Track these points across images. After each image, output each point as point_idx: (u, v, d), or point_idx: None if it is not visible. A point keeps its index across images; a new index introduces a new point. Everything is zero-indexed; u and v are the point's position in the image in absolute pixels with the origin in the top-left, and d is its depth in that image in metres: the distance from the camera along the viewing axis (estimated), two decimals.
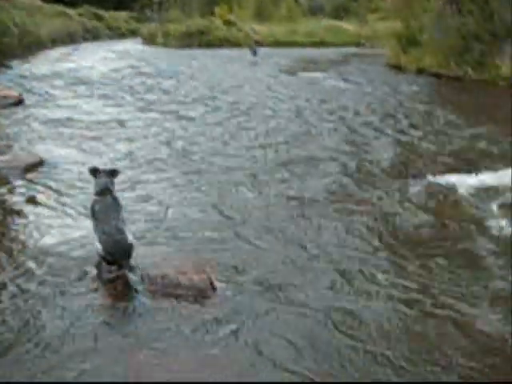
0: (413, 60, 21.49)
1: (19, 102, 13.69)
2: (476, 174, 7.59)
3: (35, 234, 5.67)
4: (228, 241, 5.54)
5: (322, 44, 37.23)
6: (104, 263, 4.51)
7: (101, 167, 4.94)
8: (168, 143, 9.77)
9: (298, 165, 8.36)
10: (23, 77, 19.81)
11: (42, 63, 25.61)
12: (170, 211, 6.36)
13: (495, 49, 18.04)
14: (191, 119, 11.95)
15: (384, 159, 8.67)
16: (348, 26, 43.35)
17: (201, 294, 4.38)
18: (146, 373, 3.54)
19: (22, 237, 5.63)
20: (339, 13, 65.58)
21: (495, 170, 7.79)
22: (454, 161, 8.54)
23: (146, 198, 6.84)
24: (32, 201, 6.75)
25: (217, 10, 45.82)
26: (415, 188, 7.18)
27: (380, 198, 6.85)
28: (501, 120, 11.56)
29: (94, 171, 4.80)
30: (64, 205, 6.58)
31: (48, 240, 5.51)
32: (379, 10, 41.36)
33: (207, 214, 6.31)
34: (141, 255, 4.98)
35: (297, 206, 6.61)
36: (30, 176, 7.75)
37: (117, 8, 76.48)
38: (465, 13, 19.05)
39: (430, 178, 7.52)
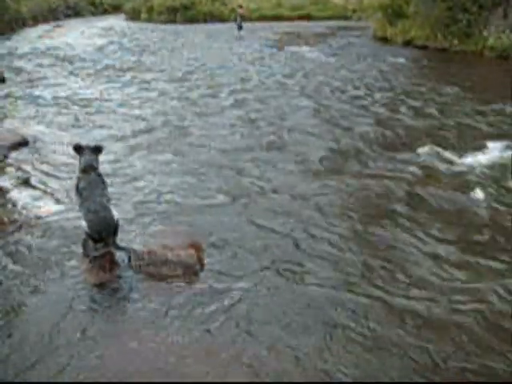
0: (399, 32, 21.33)
1: (1, 81, 13.48)
2: (466, 148, 7.58)
3: (19, 212, 5.60)
4: (216, 219, 5.49)
5: (308, 17, 36.83)
6: (90, 241, 4.44)
7: (85, 144, 4.85)
8: (154, 121, 9.65)
9: (287, 143, 8.25)
10: (4, 55, 19.49)
11: (24, 41, 25.17)
12: (158, 191, 6.29)
13: (482, 20, 17.95)
14: (177, 97, 11.80)
15: (374, 134, 8.55)
16: None
17: (188, 270, 4.35)
18: (136, 354, 3.52)
19: (4, 214, 5.55)
20: None
21: (484, 144, 7.74)
22: (444, 134, 8.47)
23: (133, 177, 6.76)
24: (16, 179, 6.67)
25: None
26: (407, 163, 7.13)
27: (373, 173, 6.80)
28: (489, 90, 11.56)
29: (78, 148, 4.72)
30: (48, 183, 6.52)
31: (32, 218, 5.45)
32: None
33: (195, 194, 6.22)
34: (127, 232, 4.94)
35: (285, 183, 6.55)
36: (14, 155, 7.68)
37: None
38: None
39: (421, 152, 7.47)
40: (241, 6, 29.30)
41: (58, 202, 5.91)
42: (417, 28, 20.28)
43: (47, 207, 5.74)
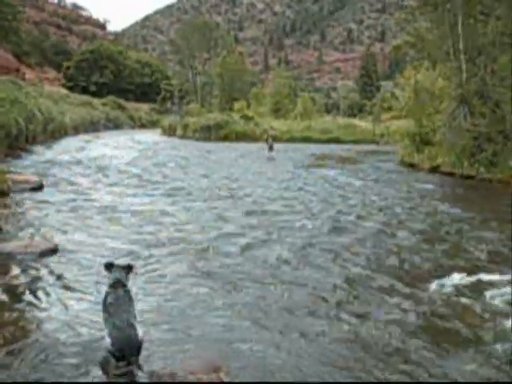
0: (426, 159, 21.89)
1: (39, 187, 14.01)
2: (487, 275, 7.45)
3: (41, 325, 5.57)
4: (241, 341, 5.36)
5: (336, 140, 38.25)
6: (112, 358, 4.37)
7: (116, 262, 4.90)
8: (181, 235, 9.73)
9: (314, 264, 8.18)
10: (45, 162, 20.38)
11: (64, 150, 26.39)
12: (182, 308, 6.24)
13: (507, 149, 18.36)
14: (202, 213, 11.93)
15: (403, 260, 8.43)
16: (362, 124, 44.70)
17: None
18: None
19: (27, 326, 5.53)
20: (353, 111, 68.13)
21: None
22: (471, 262, 8.37)
23: (157, 291, 6.74)
24: (42, 289, 6.68)
25: (235, 105, 47.79)
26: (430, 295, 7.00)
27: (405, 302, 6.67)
28: None
29: (109, 266, 4.77)
30: (74, 295, 6.49)
31: (55, 332, 5.41)
32: (392, 109, 42.68)
33: (221, 313, 6.12)
34: (151, 351, 4.86)
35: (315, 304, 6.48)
36: (44, 263, 7.73)
37: (139, 99, 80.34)
38: (476, 115, 19.58)
39: (445, 282, 7.31)
40: (272, 128, 30.58)
41: (82, 315, 5.87)
42: (443, 155, 20.81)
43: (71, 320, 5.71)
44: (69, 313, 5.94)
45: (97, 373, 4.53)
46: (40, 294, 6.54)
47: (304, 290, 6.99)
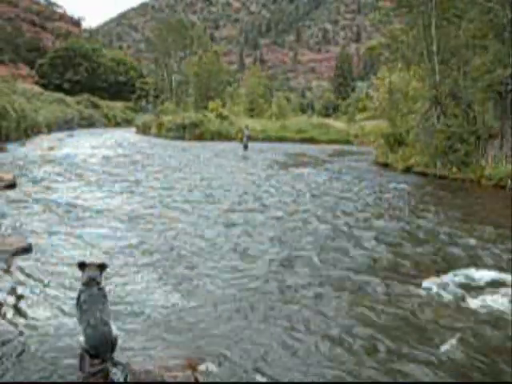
0: (400, 159, 22.15)
1: (12, 185, 13.79)
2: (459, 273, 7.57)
3: (17, 325, 5.51)
4: (217, 339, 5.38)
5: (311, 140, 38.45)
6: (87, 356, 4.35)
7: (89, 261, 4.87)
8: (157, 234, 9.68)
9: (291, 274, 8.08)
10: (18, 160, 20.09)
11: (37, 148, 26.06)
12: (157, 304, 6.24)
13: (479, 150, 18.71)
14: (180, 212, 11.92)
15: (377, 260, 8.50)
16: (337, 124, 45.02)
17: None
18: None
19: (3, 327, 5.46)
20: (328, 111, 68.59)
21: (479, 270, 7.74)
22: (443, 262, 8.50)
23: (132, 290, 6.72)
24: (15, 290, 6.58)
25: (210, 104, 47.63)
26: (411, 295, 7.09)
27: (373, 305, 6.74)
28: (486, 221, 11.70)
29: (83, 266, 4.74)
30: (48, 295, 6.42)
31: (30, 331, 5.35)
32: (367, 110, 43.06)
33: (195, 310, 6.14)
34: (126, 348, 4.85)
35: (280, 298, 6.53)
36: (17, 261, 7.61)
37: (114, 98, 79.61)
38: (449, 115, 19.89)
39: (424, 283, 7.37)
40: (247, 127, 30.54)
41: (56, 314, 5.81)
42: (417, 155, 21.10)
43: (46, 319, 5.65)
44: (40, 312, 5.88)
45: (71, 372, 4.51)
46: (11, 293, 6.45)
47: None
